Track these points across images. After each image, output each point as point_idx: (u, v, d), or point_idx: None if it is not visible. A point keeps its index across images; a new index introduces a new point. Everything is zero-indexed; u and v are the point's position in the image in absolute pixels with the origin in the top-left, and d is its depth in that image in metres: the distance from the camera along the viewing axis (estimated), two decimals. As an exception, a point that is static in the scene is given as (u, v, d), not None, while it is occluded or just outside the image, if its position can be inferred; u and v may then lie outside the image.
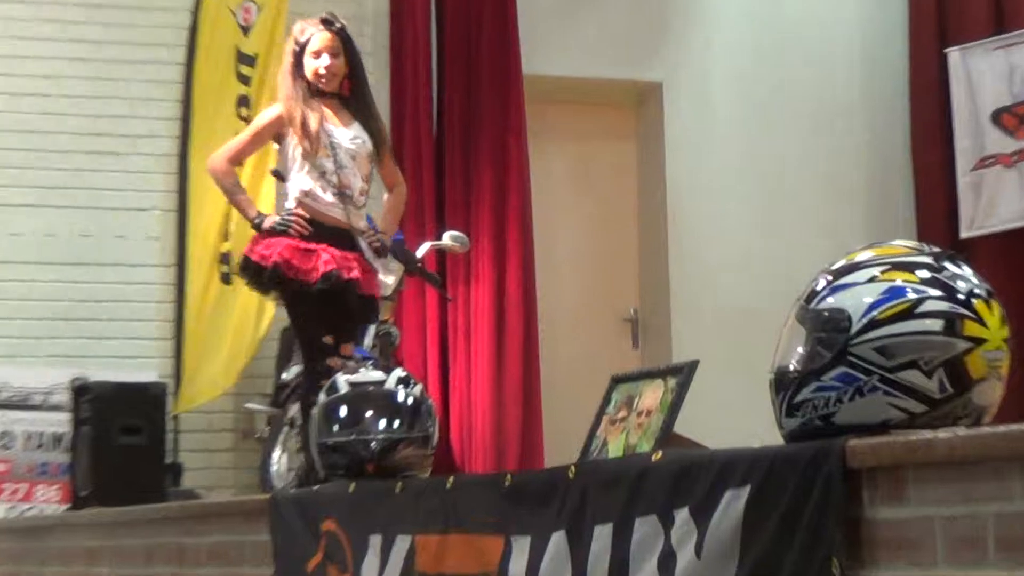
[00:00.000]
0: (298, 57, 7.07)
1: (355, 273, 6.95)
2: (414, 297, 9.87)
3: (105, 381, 8.97)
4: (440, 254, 9.67)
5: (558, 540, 4.86)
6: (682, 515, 4.32)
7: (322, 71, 7.03)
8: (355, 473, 6.07)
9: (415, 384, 6.51)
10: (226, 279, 9.72)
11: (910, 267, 4.18)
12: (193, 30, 9.76)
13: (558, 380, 10.38)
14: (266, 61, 9.62)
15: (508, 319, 10.24)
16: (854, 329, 4.08)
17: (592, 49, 11.75)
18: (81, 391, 9.11)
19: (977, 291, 4.13)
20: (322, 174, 7.02)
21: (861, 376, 4.03)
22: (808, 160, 12.04)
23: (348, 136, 7.13)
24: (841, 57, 12.58)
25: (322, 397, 6.44)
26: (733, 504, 4.17)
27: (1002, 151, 11.39)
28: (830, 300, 4.17)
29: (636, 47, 11.95)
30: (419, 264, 8.90)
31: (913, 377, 4.02)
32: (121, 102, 9.99)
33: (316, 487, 6.52)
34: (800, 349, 4.19)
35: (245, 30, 9.71)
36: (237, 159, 7.43)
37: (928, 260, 4.21)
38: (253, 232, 7.09)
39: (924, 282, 4.09)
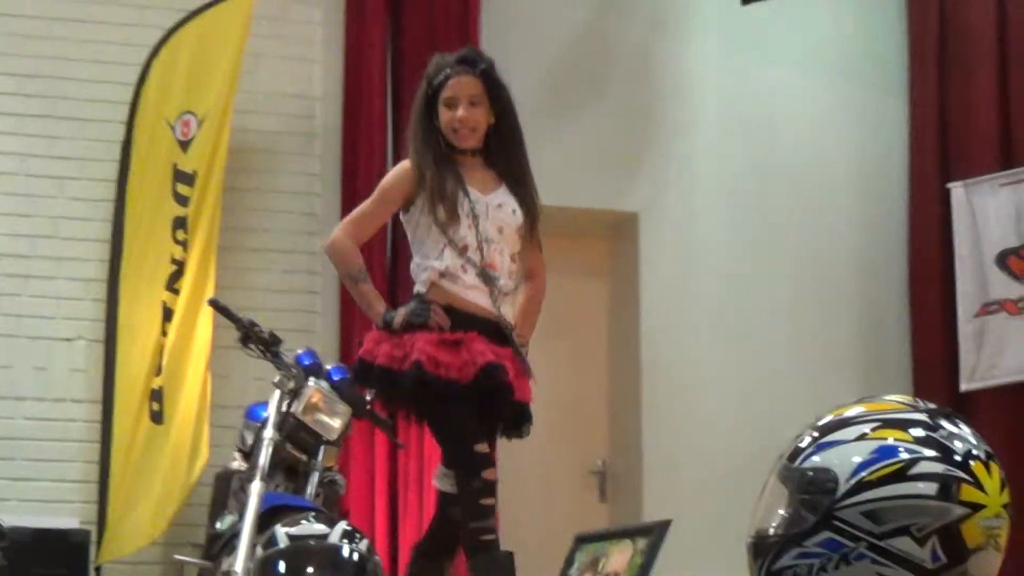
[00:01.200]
0: (430, 102, 6.14)
1: (508, 377, 6.00)
2: (362, 442, 9.64)
3: (22, 527, 8.56)
4: None
5: None
6: None
7: (457, 124, 6.08)
8: None
9: (361, 539, 6.43)
10: (157, 418, 9.47)
11: (903, 424, 4.01)
12: (127, 144, 9.50)
13: (518, 536, 9.62)
14: (206, 180, 9.41)
15: None
16: (840, 491, 3.91)
17: (560, 176, 11.06)
18: (-6, 537, 8.80)
19: (976, 452, 3.96)
20: (463, 250, 6.03)
21: (847, 543, 3.86)
22: (797, 304, 11.87)
23: (494, 203, 6.14)
24: (836, 191, 12.27)
25: (259, 551, 6.21)
26: None
27: (1008, 297, 11.21)
28: (815, 459, 3.97)
29: (609, 174, 11.76)
30: (368, 406, 8.53)
31: (904, 545, 3.84)
32: (45, 221, 9.70)
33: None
34: (781, 511, 4.00)
35: (184, 145, 9.42)
36: (363, 234, 6.34)
37: (923, 417, 4.05)
38: (375, 331, 6.07)
39: (918, 441, 3.94)
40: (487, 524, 5.61)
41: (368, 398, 8.57)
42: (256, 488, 7.48)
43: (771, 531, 3.98)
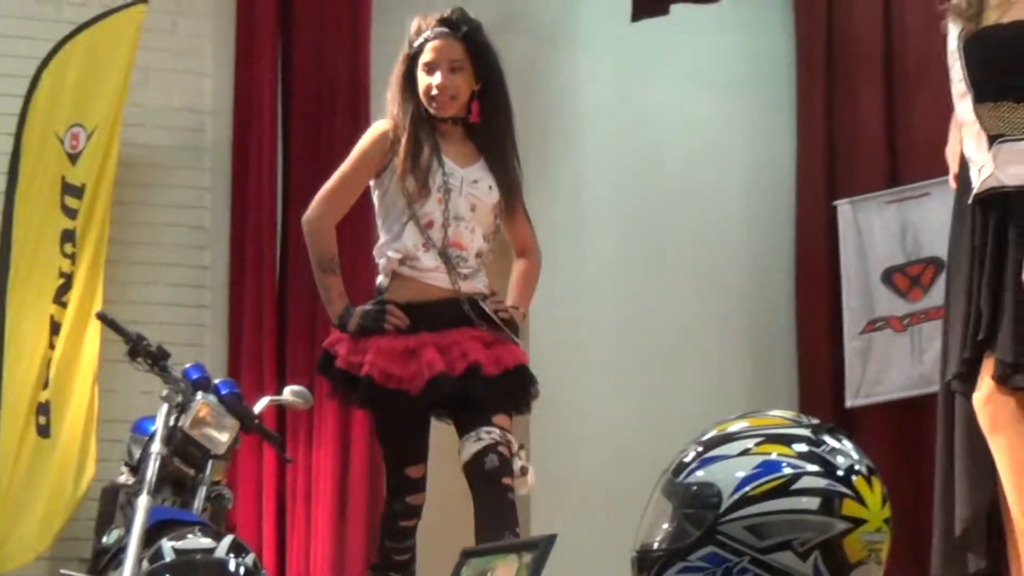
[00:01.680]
0: (410, 67, 5.90)
1: (472, 357, 5.74)
2: (250, 456, 9.67)
3: None
4: (280, 410, 9.49)
5: None
6: None
7: (435, 91, 5.81)
8: None
9: (247, 553, 6.47)
10: (43, 432, 9.51)
11: (786, 440, 4.20)
12: (15, 156, 9.56)
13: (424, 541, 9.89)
14: (95, 192, 9.48)
15: (352, 485, 10.03)
16: (724, 506, 4.07)
17: None
18: None
19: (858, 467, 4.18)
20: (426, 226, 5.77)
21: (731, 557, 4.03)
22: (686, 320, 11.92)
23: (469, 178, 5.87)
24: (725, 208, 12.32)
25: (145, 565, 6.23)
26: None
27: (893, 314, 11.35)
28: (699, 473, 4.17)
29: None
30: (256, 421, 8.58)
31: (786, 559, 4.02)
32: None
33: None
34: (665, 525, 4.17)
35: (73, 158, 9.47)
36: (343, 205, 5.97)
37: (806, 433, 4.26)
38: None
39: (801, 456, 4.13)
40: (404, 545, 5.63)
41: (256, 412, 8.58)
42: (143, 502, 7.49)
43: (655, 545, 4.14)
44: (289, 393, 8.83)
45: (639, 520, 4.32)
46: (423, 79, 5.81)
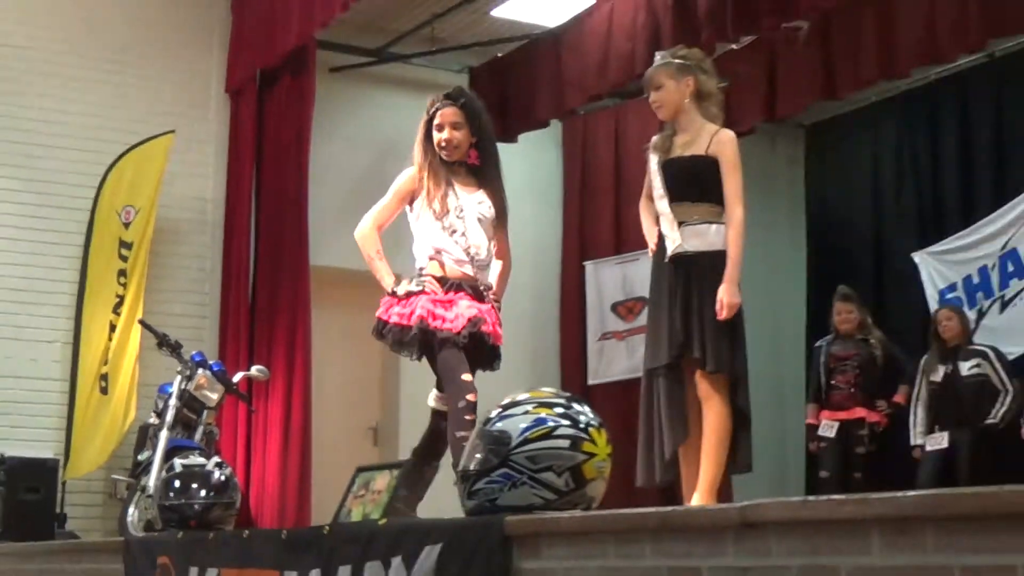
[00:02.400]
0: (428, 128, 5.83)
1: (487, 327, 5.71)
2: (230, 408, 9.88)
3: (16, 455, 9.01)
4: (248, 381, 9.57)
5: (316, 574, 5.03)
6: (396, 561, 4.50)
7: (443, 143, 5.77)
8: (183, 526, 6.14)
9: (226, 467, 6.61)
10: (104, 391, 9.75)
11: (551, 405, 4.46)
12: (90, 225, 9.74)
13: (324, 465, 10.27)
14: (139, 247, 9.66)
15: (292, 425, 10.18)
16: (513, 444, 4.34)
17: (354, 247, 10.68)
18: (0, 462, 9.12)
19: (592, 422, 4.44)
20: (452, 233, 5.75)
21: (516, 475, 4.31)
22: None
23: (475, 201, 5.84)
24: (519, 266, 11.63)
25: (163, 473, 6.48)
26: (430, 555, 4.36)
27: (616, 329, 11.81)
28: (499, 424, 4.41)
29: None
30: (234, 386, 9.09)
31: (549, 477, 4.30)
32: (39, 269, 9.86)
33: (156, 534, 6.59)
34: (478, 455, 4.42)
35: (126, 225, 9.61)
36: (382, 220, 5.98)
37: (562, 401, 4.53)
38: (386, 298, 5.72)
39: (559, 415, 4.39)
40: (468, 433, 5.09)
41: (235, 380, 9.02)
42: (164, 435, 8.21)
43: (471, 467, 4.39)
44: (255, 370, 9.27)
45: (465, 451, 4.59)
46: (436, 136, 5.75)
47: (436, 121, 5.71)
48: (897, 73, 10.15)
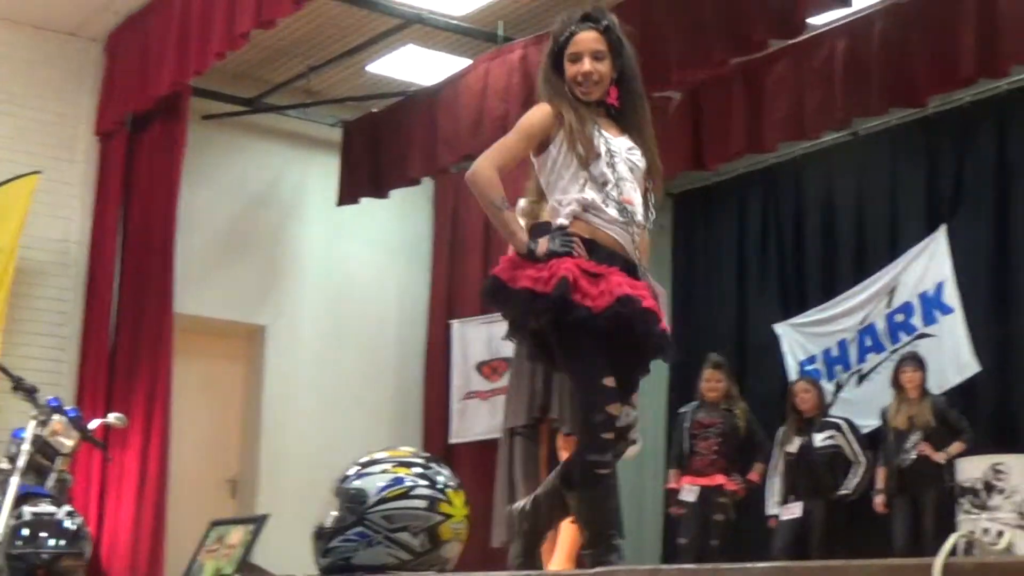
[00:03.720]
0: (556, 59, 4.58)
1: (649, 303, 4.36)
2: (85, 456, 9.59)
3: None
4: (106, 428, 9.27)
5: None
6: None
7: (581, 78, 4.51)
8: (30, 575, 5.99)
9: (78, 516, 6.57)
10: None
11: (409, 465, 4.46)
12: None
13: (180, 517, 10.11)
14: (0, 286, 9.58)
15: (148, 475, 10.05)
16: (370, 503, 4.34)
17: (227, 298, 11.72)
18: None
19: (450, 483, 4.47)
20: (602, 185, 4.46)
21: (372, 534, 4.31)
22: (360, 387, 12.21)
23: (625, 146, 4.57)
24: (388, 321, 12.70)
25: (12, 521, 6.00)
26: None
27: (480, 389, 11.67)
28: (356, 482, 4.41)
29: (252, 300, 11.93)
30: (90, 433, 8.49)
31: (405, 537, 4.31)
32: None
33: (2, 585, 6.44)
34: (334, 513, 4.40)
35: None
36: (505, 165, 4.53)
37: (421, 461, 4.54)
38: (513, 256, 4.41)
39: (417, 475, 4.42)
40: (605, 458, 4.26)
41: (92, 427, 8.64)
42: (14, 481, 7.55)
43: (327, 525, 4.37)
44: (113, 417, 8.92)
45: (323, 510, 4.49)
46: (570, 68, 4.54)
47: (571, 49, 4.54)
48: (764, 147, 10.37)
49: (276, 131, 11.99)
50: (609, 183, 4.47)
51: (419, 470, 4.54)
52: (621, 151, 4.54)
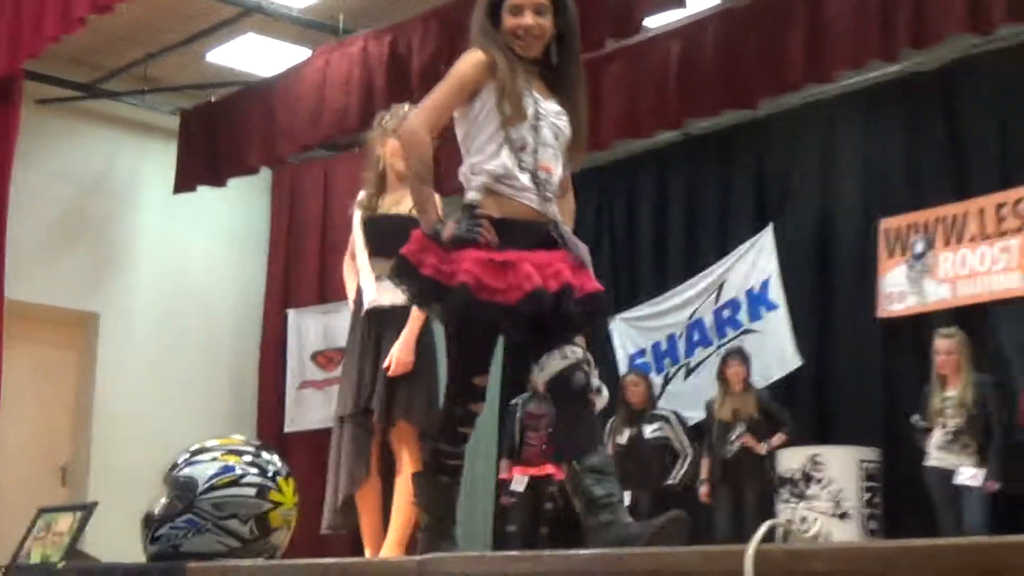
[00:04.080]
0: (494, 8, 4.31)
1: (565, 276, 4.09)
2: None
3: None
4: None
5: None
6: None
7: (521, 31, 4.22)
8: None
9: None
10: None
11: (239, 453, 4.51)
12: None
13: (8, 504, 10.01)
14: None
15: None
16: (199, 490, 4.38)
17: (51, 283, 11.52)
18: None
19: (280, 472, 4.54)
20: (520, 148, 4.18)
21: (201, 521, 4.34)
22: (196, 376, 12.16)
23: (554, 110, 4.27)
24: (224, 310, 12.66)
25: None
26: None
27: (315, 379, 11.87)
28: (186, 470, 4.46)
29: (87, 286, 11.80)
30: None
31: (234, 525, 4.35)
32: None
33: None
34: (164, 500, 4.44)
35: None
36: (440, 122, 4.24)
37: (251, 449, 4.60)
38: (420, 234, 4.17)
39: (247, 464, 4.46)
40: (458, 450, 4.20)
41: None
42: None
43: (156, 512, 4.40)
44: None
45: (153, 497, 4.54)
46: (508, 20, 4.26)
47: (511, 0, 4.27)
48: (599, 145, 10.32)
49: (113, 118, 11.93)
50: (527, 147, 4.23)
51: (249, 458, 4.56)
52: (549, 114, 4.28)
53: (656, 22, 9.28)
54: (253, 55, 11.27)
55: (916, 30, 8.68)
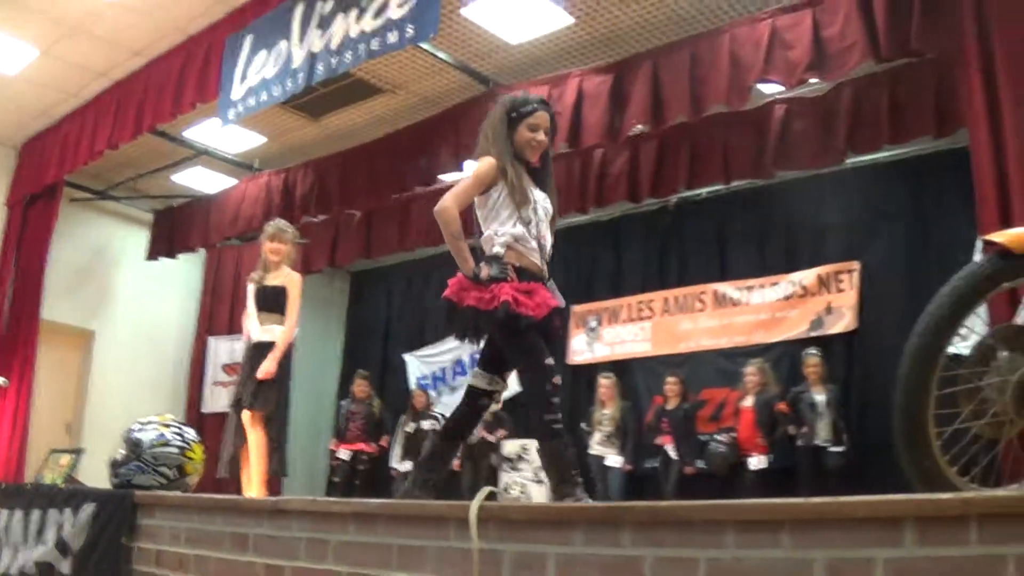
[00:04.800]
0: (513, 122, 4.88)
1: (561, 306, 4.73)
2: None
3: None
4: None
5: (19, 514, 5.05)
6: (68, 511, 4.72)
7: (535, 144, 4.88)
8: None
9: None
10: None
11: (169, 426, 5.00)
12: None
13: (37, 447, 11.08)
14: None
15: (18, 420, 11.03)
16: (144, 447, 4.95)
17: (70, 311, 12.80)
18: None
19: (194, 439, 5.14)
20: (527, 223, 4.79)
21: (145, 466, 4.84)
22: (153, 374, 13.50)
23: (541, 196, 4.92)
24: (171, 333, 13.81)
25: None
26: (88, 509, 4.65)
27: (223, 380, 13.02)
28: (136, 434, 5.04)
29: (86, 313, 13.17)
30: None
31: (164, 470, 4.86)
32: None
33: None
34: (122, 452, 5.01)
35: None
36: (463, 206, 4.79)
37: (176, 424, 5.16)
38: (460, 279, 4.68)
39: (174, 433, 4.99)
40: (557, 416, 4.46)
41: None
42: None
43: (118, 459, 4.91)
44: (1, 379, 10.13)
45: (116, 449, 5.02)
46: (525, 134, 4.88)
47: (533, 120, 4.87)
48: (407, 247, 12.28)
49: (114, 212, 13.48)
50: (532, 222, 4.75)
51: (176, 429, 5.16)
52: (540, 200, 4.83)
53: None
54: (201, 180, 12.80)
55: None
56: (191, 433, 5.52)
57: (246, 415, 6.63)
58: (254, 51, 8.41)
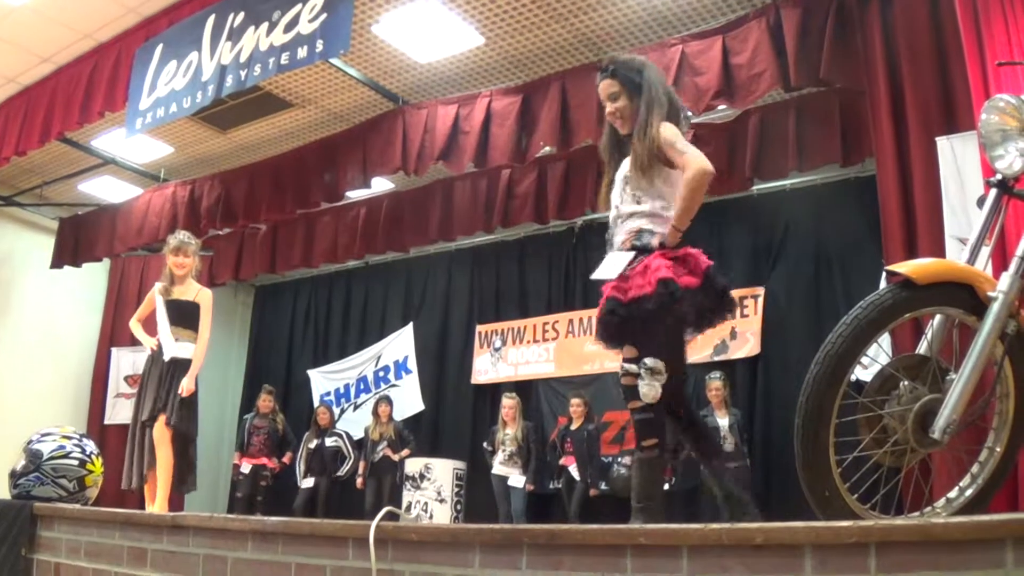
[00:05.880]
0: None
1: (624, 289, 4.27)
2: None
3: None
4: None
5: None
6: None
7: (608, 119, 4.55)
8: None
9: None
10: None
11: (70, 437, 4.84)
12: None
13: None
14: None
15: None
16: (44, 458, 4.79)
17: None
18: None
19: (94, 452, 4.99)
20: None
21: (44, 478, 4.68)
22: (55, 384, 12.93)
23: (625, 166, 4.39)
24: (75, 342, 13.52)
25: None
26: None
27: (125, 392, 12.71)
28: (36, 445, 4.88)
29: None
30: None
31: (63, 482, 4.59)
32: None
33: None
34: (22, 462, 4.75)
35: None
36: None
37: (77, 436, 4.97)
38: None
39: (74, 445, 4.74)
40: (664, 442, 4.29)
41: None
42: None
43: (18, 469, 4.76)
44: None
45: (16, 460, 4.93)
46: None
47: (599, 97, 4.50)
48: (312, 263, 12.29)
49: (19, 219, 13.19)
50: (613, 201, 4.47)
51: (76, 441, 5.04)
52: (622, 173, 4.48)
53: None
54: (108, 189, 12.61)
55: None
56: (91, 446, 5.43)
57: (159, 430, 6.57)
58: (164, 61, 8.34)
